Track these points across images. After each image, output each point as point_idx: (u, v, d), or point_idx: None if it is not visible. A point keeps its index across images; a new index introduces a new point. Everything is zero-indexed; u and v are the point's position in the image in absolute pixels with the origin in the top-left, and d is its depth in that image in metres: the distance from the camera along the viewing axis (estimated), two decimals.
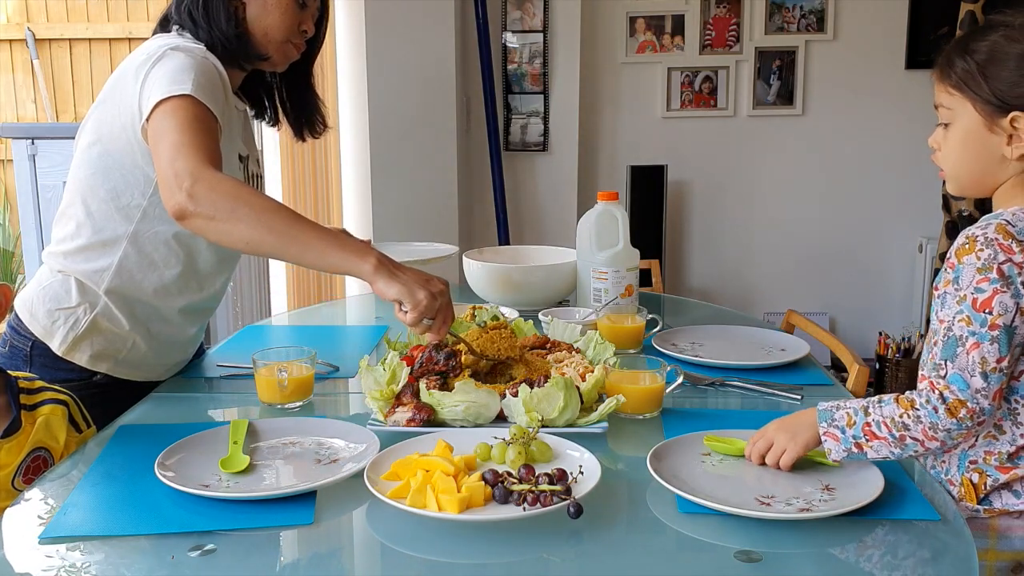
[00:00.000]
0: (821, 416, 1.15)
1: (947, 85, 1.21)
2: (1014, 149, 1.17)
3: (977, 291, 1.11)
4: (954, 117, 1.21)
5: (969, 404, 1.08)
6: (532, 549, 1.01)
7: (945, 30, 3.68)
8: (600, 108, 3.92)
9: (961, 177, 1.24)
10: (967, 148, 1.20)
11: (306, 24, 1.55)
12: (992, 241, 1.13)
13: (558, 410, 1.29)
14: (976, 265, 1.12)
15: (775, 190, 3.98)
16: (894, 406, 1.11)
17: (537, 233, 3.82)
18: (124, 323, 1.52)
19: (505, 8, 3.69)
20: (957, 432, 1.08)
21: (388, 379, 1.37)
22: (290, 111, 1.73)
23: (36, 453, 1.29)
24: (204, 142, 1.32)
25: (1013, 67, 1.15)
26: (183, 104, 1.34)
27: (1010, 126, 1.17)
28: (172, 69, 1.37)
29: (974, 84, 1.17)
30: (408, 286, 1.30)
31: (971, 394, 1.08)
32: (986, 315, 1.10)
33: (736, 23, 3.83)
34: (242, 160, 1.58)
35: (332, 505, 1.11)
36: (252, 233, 1.29)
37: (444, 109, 3.34)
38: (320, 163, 3.32)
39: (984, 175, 1.21)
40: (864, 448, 1.11)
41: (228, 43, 1.49)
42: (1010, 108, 1.16)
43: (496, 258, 2.23)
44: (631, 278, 1.92)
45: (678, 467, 1.17)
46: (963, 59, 1.19)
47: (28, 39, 4.45)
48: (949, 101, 1.21)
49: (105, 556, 1.00)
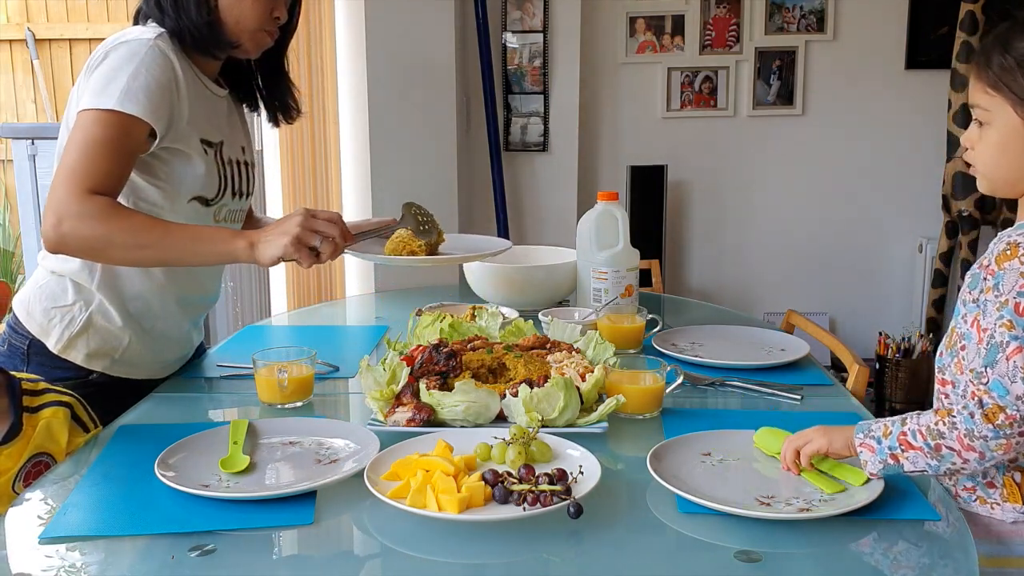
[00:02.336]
0: (859, 428, 1.12)
1: (984, 84, 1.17)
2: None
3: (1020, 295, 1.08)
4: (991, 118, 1.17)
5: (1008, 410, 1.03)
6: (532, 549, 1.01)
7: (945, 30, 3.68)
8: (600, 108, 3.92)
9: (996, 179, 1.21)
10: (1005, 150, 1.17)
11: (279, 11, 1.52)
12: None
13: (558, 410, 1.29)
14: (1020, 270, 1.09)
15: (775, 190, 3.98)
16: (931, 415, 1.07)
17: (537, 233, 3.81)
18: (118, 320, 1.52)
19: (505, 8, 3.69)
20: (995, 441, 1.03)
21: (388, 379, 1.37)
22: (264, 97, 1.71)
23: (37, 458, 1.29)
24: (95, 166, 1.36)
25: None
26: (97, 118, 1.37)
27: None
28: (106, 72, 1.40)
29: (1014, 83, 1.14)
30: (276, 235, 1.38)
31: (1011, 400, 1.03)
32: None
33: (736, 23, 3.83)
34: (212, 146, 1.55)
35: (332, 505, 1.11)
36: (127, 255, 1.41)
37: (444, 109, 3.34)
38: (320, 163, 3.31)
39: (1020, 177, 1.18)
40: (900, 459, 1.07)
41: (198, 32, 1.47)
42: None
43: (496, 258, 2.23)
44: (631, 278, 1.92)
45: (678, 467, 1.17)
46: (1002, 56, 1.15)
47: (28, 39, 4.45)
48: (987, 101, 1.17)
49: (105, 556, 1.00)
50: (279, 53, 1.67)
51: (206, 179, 1.53)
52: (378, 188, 3.32)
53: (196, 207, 1.53)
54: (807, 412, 1.43)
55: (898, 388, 3.48)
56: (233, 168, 1.61)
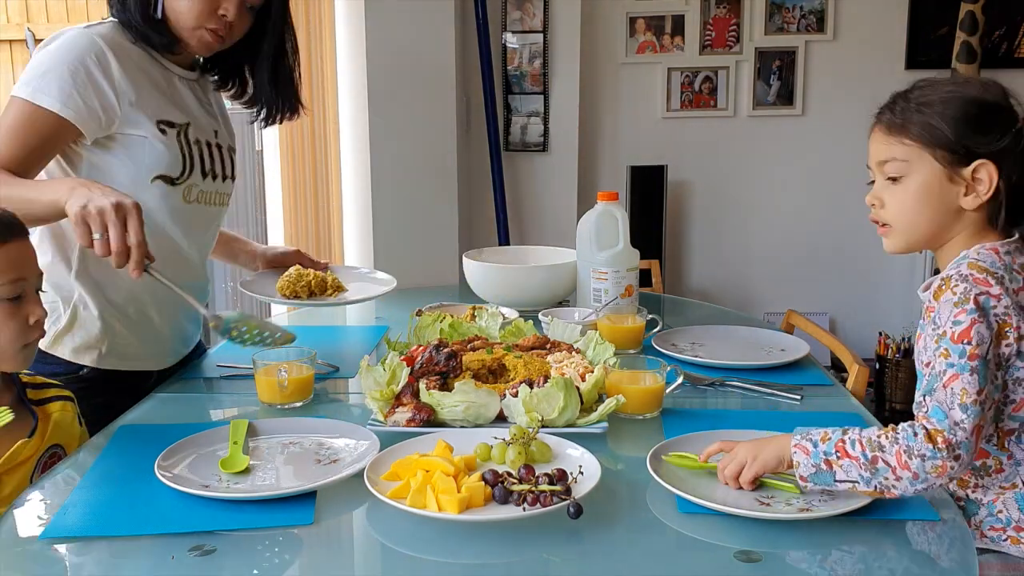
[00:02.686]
0: (798, 431, 1.11)
1: (902, 137, 1.17)
2: (972, 199, 1.15)
3: (955, 324, 1.09)
4: (909, 170, 1.17)
5: (946, 434, 1.03)
6: (532, 549, 1.01)
7: (945, 30, 3.68)
8: (600, 108, 3.92)
9: (914, 232, 1.21)
10: (926, 202, 1.17)
11: (225, 7, 1.49)
12: (967, 277, 1.11)
13: (558, 410, 1.29)
14: (953, 300, 1.10)
15: (775, 190, 3.98)
16: (875, 429, 1.08)
17: (537, 233, 3.81)
18: (100, 309, 1.52)
19: (505, 8, 3.69)
20: (931, 462, 1.02)
21: (388, 379, 1.37)
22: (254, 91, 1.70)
23: (53, 450, 1.31)
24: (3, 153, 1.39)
25: (974, 114, 1.14)
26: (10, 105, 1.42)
27: (971, 176, 1.15)
28: (35, 62, 1.45)
29: (932, 129, 1.15)
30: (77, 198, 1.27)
31: (949, 425, 1.04)
32: (964, 346, 1.07)
33: (736, 23, 3.83)
34: (173, 127, 1.55)
35: (332, 505, 1.11)
36: None
37: (444, 109, 3.34)
38: (320, 163, 3.31)
39: (941, 228, 1.19)
40: (833, 466, 1.06)
41: (139, 28, 1.50)
42: (973, 156, 1.14)
43: (496, 258, 2.23)
44: (631, 278, 1.92)
45: (678, 467, 1.17)
46: (916, 111, 1.16)
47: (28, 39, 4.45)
48: (904, 153, 1.17)
49: (105, 556, 1.00)
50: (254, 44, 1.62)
51: (168, 159, 1.53)
52: (378, 188, 3.33)
53: (162, 186, 1.54)
54: (807, 412, 1.43)
55: (898, 388, 3.48)
56: (201, 148, 1.61)
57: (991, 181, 1.14)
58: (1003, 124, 1.14)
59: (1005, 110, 1.15)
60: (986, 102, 1.15)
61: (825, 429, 1.09)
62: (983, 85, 1.17)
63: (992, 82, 1.17)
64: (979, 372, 1.06)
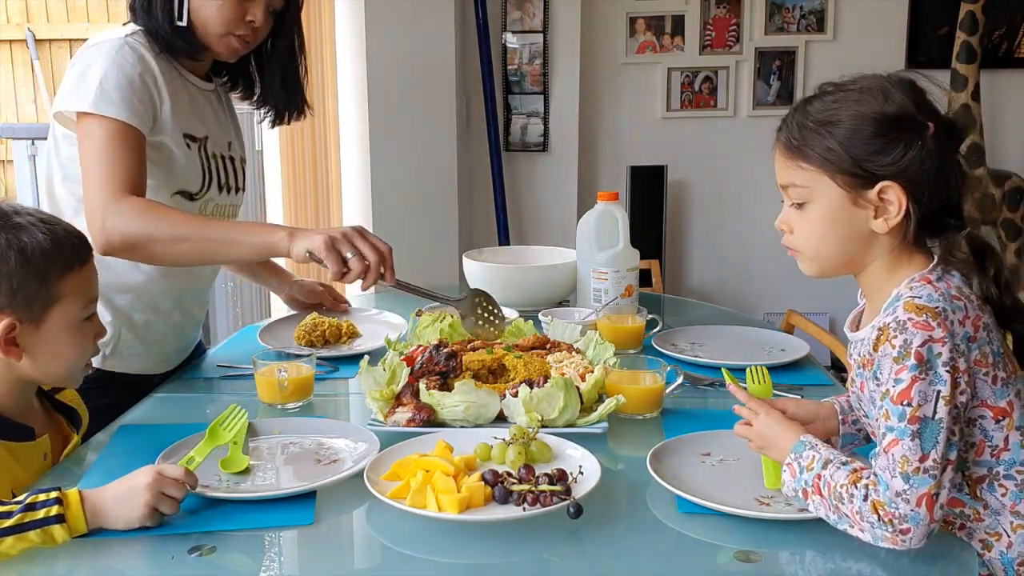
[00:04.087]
0: (797, 445, 1.06)
1: (799, 161, 1.06)
2: (884, 222, 1.03)
3: (896, 382, 0.97)
4: (811, 195, 1.06)
5: (887, 506, 0.94)
6: (532, 549, 1.01)
7: (945, 30, 3.68)
8: (600, 108, 3.92)
9: (826, 259, 1.09)
10: (832, 229, 1.06)
11: (253, 13, 1.50)
12: (904, 324, 0.98)
13: (558, 410, 1.29)
14: (892, 355, 0.98)
15: (775, 190, 3.96)
16: (846, 472, 0.99)
17: (537, 233, 3.81)
18: (106, 313, 1.52)
19: (505, 8, 3.69)
20: (880, 531, 0.95)
21: (388, 379, 1.37)
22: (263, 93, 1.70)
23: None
24: (116, 165, 1.41)
25: (871, 132, 1.02)
26: (96, 126, 1.41)
27: (877, 198, 1.02)
28: (84, 73, 1.43)
29: (827, 151, 1.04)
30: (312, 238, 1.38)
31: (890, 497, 0.94)
32: (904, 407, 0.96)
33: (736, 23, 3.83)
34: (195, 140, 1.55)
35: (332, 505, 1.11)
36: (168, 249, 1.41)
37: (444, 109, 3.34)
38: (320, 163, 3.32)
39: (854, 254, 1.07)
40: (808, 497, 1.02)
41: (165, 35, 1.49)
42: (877, 178, 1.02)
43: (496, 258, 2.23)
44: (631, 278, 1.92)
45: (678, 467, 1.17)
46: (813, 132, 1.05)
47: (28, 39, 4.45)
48: (802, 177, 1.06)
49: (105, 556, 1.00)
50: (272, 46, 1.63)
51: (189, 173, 1.54)
52: (378, 188, 3.33)
53: (180, 201, 1.54)
54: None
55: None
56: (218, 162, 1.61)
57: (899, 203, 1.02)
58: (907, 138, 1.01)
59: (908, 120, 1.02)
60: (886, 116, 1.02)
61: (816, 453, 1.03)
62: (885, 93, 1.04)
63: (901, 81, 1.05)
64: (923, 436, 0.95)
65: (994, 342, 1.03)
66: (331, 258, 1.38)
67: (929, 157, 1.01)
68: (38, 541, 0.99)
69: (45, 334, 1.20)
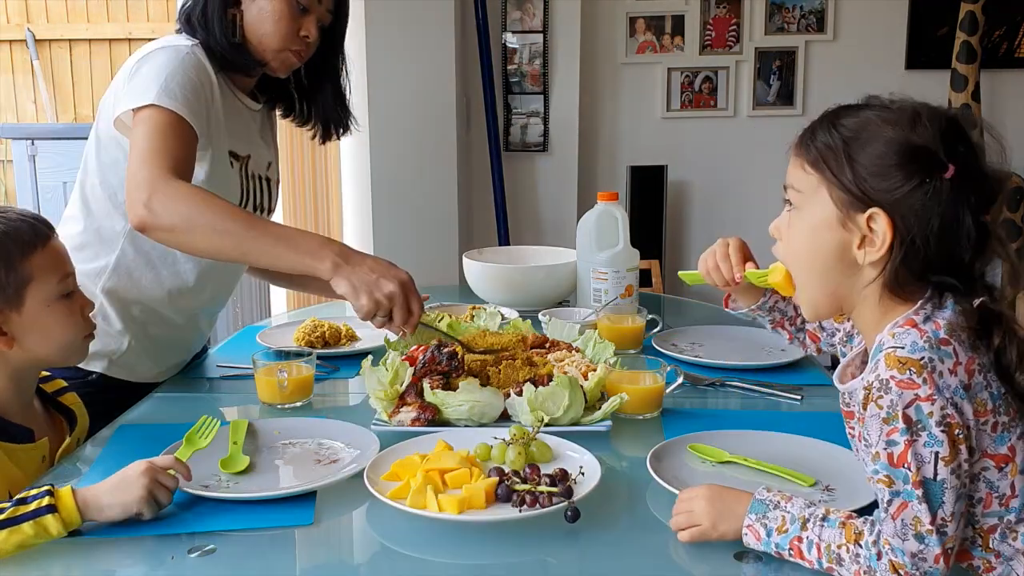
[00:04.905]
0: (755, 506, 0.98)
1: (803, 160, 1.02)
2: (866, 254, 0.96)
3: (889, 445, 0.91)
4: (804, 202, 1.02)
5: (908, 568, 0.89)
6: (532, 549, 1.01)
7: (945, 30, 3.68)
8: (600, 108, 3.92)
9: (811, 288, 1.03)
10: (814, 243, 1.00)
11: (307, 28, 1.52)
12: (887, 384, 0.91)
13: (563, 409, 1.29)
14: (880, 416, 0.91)
15: (775, 190, 3.93)
16: (838, 531, 0.93)
17: (537, 233, 3.81)
18: (118, 323, 1.52)
19: (505, 8, 3.69)
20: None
21: (391, 379, 1.37)
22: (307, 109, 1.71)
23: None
24: (170, 150, 1.35)
25: (881, 152, 0.95)
26: (153, 114, 1.37)
27: (866, 225, 0.95)
28: (149, 73, 1.40)
29: (835, 165, 0.98)
30: (356, 287, 1.31)
31: (909, 559, 0.89)
32: (906, 471, 0.90)
33: (736, 23, 3.83)
34: (238, 159, 1.57)
35: (332, 505, 1.11)
36: (208, 239, 1.33)
37: (444, 110, 3.34)
38: (320, 163, 3.32)
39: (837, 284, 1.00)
40: (784, 559, 0.95)
41: (223, 51, 1.49)
42: (870, 203, 0.95)
43: (496, 258, 2.23)
44: (631, 278, 1.92)
45: (678, 467, 1.17)
46: (829, 133, 1.00)
47: (28, 39, 4.45)
48: (802, 181, 1.02)
49: (105, 556, 1.00)
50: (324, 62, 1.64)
51: (229, 191, 1.53)
52: (378, 188, 3.33)
53: None
54: (807, 412, 1.43)
55: None
56: (257, 183, 1.62)
57: (885, 237, 0.94)
58: (914, 171, 0.93)
59: (926, 154, 0.93)
60: (907, 145, 0.94)
61: (785, 512, 0.96)
62: (915, 120, 0.96)
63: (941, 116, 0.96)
64: (932, 495, 0.89)
65: (992, 384, 0.94)
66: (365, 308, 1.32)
67: (935, 200, 0.93)
68: (32, 534, 0.99)
69: (27, 317, 1.22)
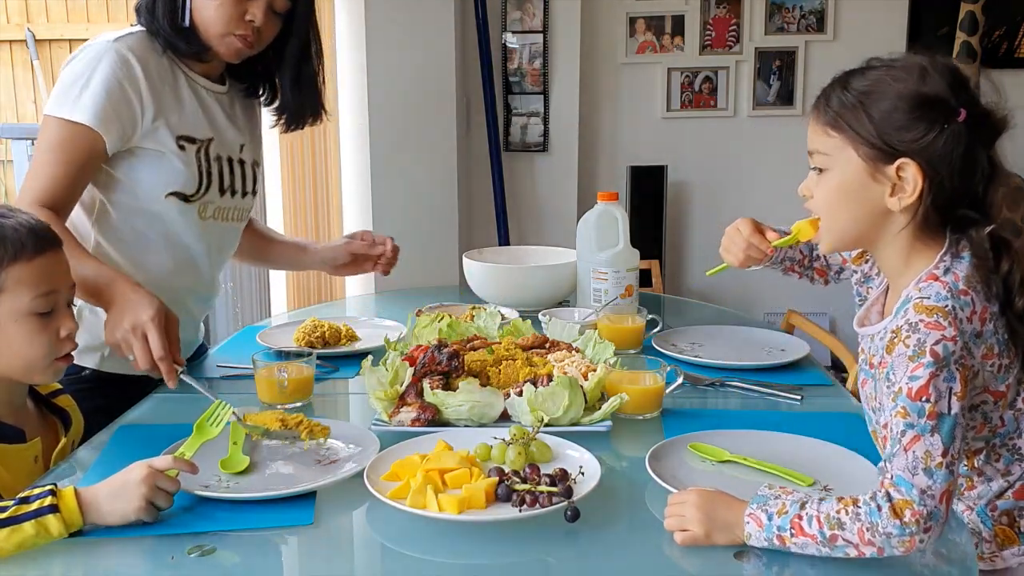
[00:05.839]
0: (757, 498, 1.00)
1: (824, 125, 1.08)
2: (900, 200, 1.04)
3: (911, 379, 0.97)
4: (832, 163, 1.08)
5: (915, 505, 0.92)
6: (532, 549, 1.01)
7: (945, 30, 3.68)
8: (600, 108, 3.92)
9: (839, 231, 1.12)
10: (846, 199, 1.08)
11: (252, 12, 1.49)
12: (916, 326, 0.99)
13: (563, 409, 1.29)
14: (907, 354, 0.98)
15: (775, 190, 3.96)
16: (834, 503, 0.96)
17: (537, 233, 3.81)
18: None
19: (505, 8, 3.69)
20: (898, 539, 0.92)
21: (391, 379, 1.37)
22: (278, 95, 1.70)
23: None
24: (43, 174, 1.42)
25: (898, 105, 1.03)
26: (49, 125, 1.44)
27: (896, 175, 1.03)
28: (62, 81, 1.46)
29: (855, 122, 1.05)
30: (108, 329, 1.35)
31: (916, 495, 0.93)
32: (923, 403, 0.95)
33: (736, 23, 3.83)
34: (194, 143, 1.55)
35: (332, 505, 1.11)
36: None
37: (444, 110, 3.34)
38: (320, 163, 3.32)
39: (868, 228, 1.09)
40: (787, 543, 0.96)
41: (167, 36, 1.50)
42: (897, 154, 1.02)
43: (496, 258, 2.23)
44: (631, 278, 1.92)
45: (678, 467, 1.17)
46: (843, 94, 1.07)
47: (28, 39, 4.45)
48: (826, 144, 1.08)
49: (105, 556, 1.00)
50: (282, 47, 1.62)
51: (184, 176, 1.54)
52: (378, 188, 3.33)
53: (176, 202, 1.55)
54: (807, 412, 1.43)
55: None
56: (221, 165, 1.61)
57: (916, 182, 1.02)
58: (933, 119, 1.01)
59: (940, 102, 1.01)
60: (919, 95, 1.02)
61: (784, 500, 0.99)
62: (924, 73, 1.03)
63: (944, 66, 1.04)
64: (942, 431, 0.95)
65: (999, 331, 1.06)
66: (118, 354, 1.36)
67: (955, 142, 1.01)
68: (33, 533, 0.99)
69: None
